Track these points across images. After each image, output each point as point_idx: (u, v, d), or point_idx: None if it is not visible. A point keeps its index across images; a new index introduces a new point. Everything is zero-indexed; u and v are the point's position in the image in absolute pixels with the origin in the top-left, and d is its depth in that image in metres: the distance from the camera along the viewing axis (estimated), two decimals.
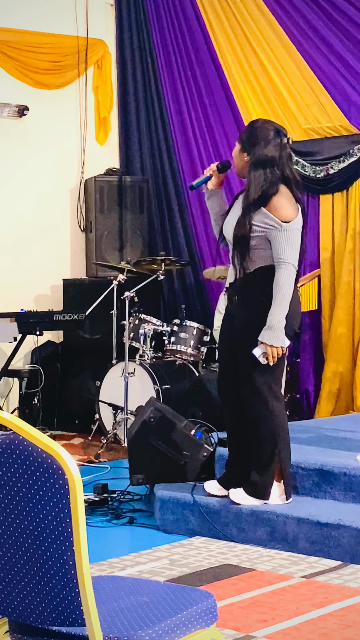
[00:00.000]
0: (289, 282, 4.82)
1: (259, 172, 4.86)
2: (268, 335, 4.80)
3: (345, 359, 8.06)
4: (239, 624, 3.84)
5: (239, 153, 5.00)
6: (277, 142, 4.90)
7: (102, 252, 8.88)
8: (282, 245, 4.80)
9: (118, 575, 3.87)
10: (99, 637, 2.25)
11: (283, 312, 4.81)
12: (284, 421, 5.02)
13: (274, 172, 4.86)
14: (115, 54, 9.42)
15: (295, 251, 4.84)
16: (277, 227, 4.80)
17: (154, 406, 5.76)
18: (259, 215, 4.83)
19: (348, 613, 3.96)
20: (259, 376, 4.92)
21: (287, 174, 4.89)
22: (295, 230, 4.83)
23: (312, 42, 8.27)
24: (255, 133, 4.94)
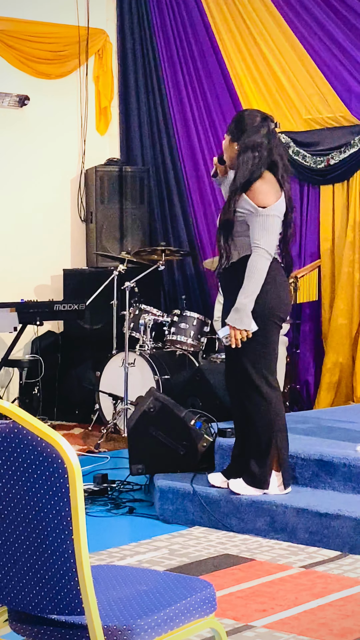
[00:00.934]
0: (260, 266, 4.84)
1: (247, 156, 4.91)
2: (233, 317, 4.84)
3: (345, 350, 8.07)
4: (238, 613, 3.85)
5: (229, 144, 5.05)
6: (265, 128, 4.95)
7: (102, 242, 8.87)
8: (257, 230, 4.84)
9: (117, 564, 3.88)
10: (98, 626, 2.26)
11: (251, 296, 4.83)
12: (280, 409, 5.03)
13: (261, 155, 4.90)
14: (116, 43, 9.41)
15: (271, 237, 4.87)
16: (253, 212, 4.84)
17: (153, 396, 5.77)
18: (241, 201, 4.88)
19: (347, 603, 3.97)
20: (252, 365, 4.94)
21: (275, 159, 4.94)
22: (271, 216, 4.86)
23: (314, 32, 8.25)
24: (243, 121, 5.00)
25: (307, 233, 8.36)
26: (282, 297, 4.97)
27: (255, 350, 4.91)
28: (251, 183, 4.87)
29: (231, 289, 4.96)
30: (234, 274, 4.93)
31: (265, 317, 4.87)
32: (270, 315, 4.88)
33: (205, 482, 5.30)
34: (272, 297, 4.88)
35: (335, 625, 3.71)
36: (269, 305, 4.87)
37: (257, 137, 4.92)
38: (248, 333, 4.84)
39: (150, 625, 2.34)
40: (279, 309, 4.95)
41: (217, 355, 7.65)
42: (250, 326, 4.84)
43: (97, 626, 2.26)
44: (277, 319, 4.95)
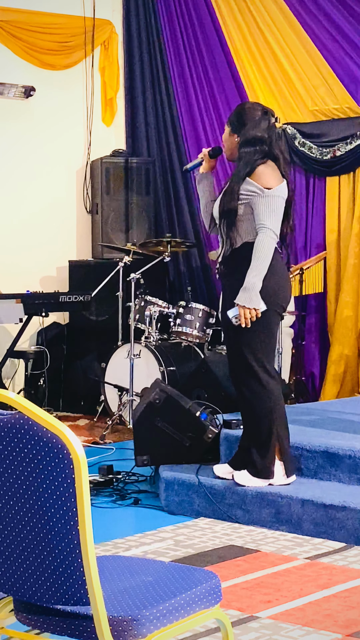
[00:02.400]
0: (268, 246, 4.86)
1: (248, 149, 4.95)
2: (242, 296, 4.84)
3: (350, 342, 8.06)
4: (243, 604, 3.85)
5: (229, 135, 5.09)
6: (266, 122, 5.00)
7: (108, 233, 8.87)
8: (263, 210, 4.86)
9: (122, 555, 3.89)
10: (104, 616, 2.26)
11: (259, 275, 4.84)
12: (279, 398, 5.04)
13: (262, 150, 4.95)
14: (122, 34, 9.39)
15: (277, 218, 4.89)
16: (259, 192, 4.86)
17: (159, 388, 5.77)
18: (244, 184, 4.90)
19: (352, 594, 3.97)
20: (251, 354, 4.94)
21: (276, 153, 4.99)
22: (276, 197, 4.89)
23: (320, 23, 8.23)
24: (244, 114, 5.04)
25: (313, 225, 8.35)
26: (283, 286, 4.99)
27: (255, 338, 4.92)
28: (254, 169, 4.90)
29: (234, 275, 4.96)
30: (237, 260, 4.94)
31: (267, 306, 4.88)
32: (271, 303, 4.90)
33: (210, 474, 5.31)
34: (273, 286, 4.90)
35: (340, 617, 3.71)
36: (270, 293, 4.89)
37: (258, 132, 4.97)
38: (257, 312, 4.85)
39: (155, 616, 2.34)
40: (281, 298, 4.97)
41: (222, 347, 7.65)
42: (260, 305, 4.85)
43: (103, 616, 2.26)
44: (278, 307, 4.97)
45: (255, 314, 4.85)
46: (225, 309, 5.04)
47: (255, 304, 4.84)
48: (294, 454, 5.25)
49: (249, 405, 5.04)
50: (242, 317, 4.85)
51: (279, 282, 4.95)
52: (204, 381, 6.71)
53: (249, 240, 4.92)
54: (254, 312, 4.85)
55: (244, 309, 4.84)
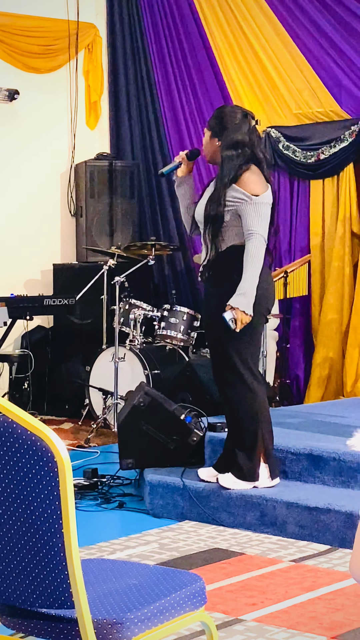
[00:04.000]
0: (260, 252, 4.88)
1: (231, 152, 4.94)
2: (241, 301, 4.84)
3: (335, 345, 8.08)
4: (228, 607, 3.85)
5: (210, 139, 5.07)
6: (246, 125, 4.99)
7: (92, 236, 8.86)
8: (251, 217, 4.86)
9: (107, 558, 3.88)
10: (88, 619, 2.26)
11: (255, 281, 4.86)
12: (264, 400, 5.05)
13: (244, 153, 4.94)
14: (106, 38, 9.39)
15: (265, 224, 4.91)
16: (246, 199, 4.86)
17: (143, 391, 5.77)
18: (230, 191, 4.89)
19: (337, 597, 3.97)
20: (237, 356, 4.95)
21: (259, 155, 4.99)
22: (264, 204, 4.90)
23: (304, 26, 8.25)
24: (224, 118, 5.03)
25: (297, 228, 8.37)
26: (267, 289, 5.01)
27: (241, 341, 4.93)
28: (239, 175, 4.89)
29: (218, 280, 4.97)
30: (222, 263, 4.94)
31: (252, 309, 4.88)
32: (256, 306, 4.90)
33: (195, 477, 5.31)
34: (259, 289, 4.91)
35: (325, 619, 3.71)
36: (256, 297, 4.89)
37: (239, 135, 4.96)
38: (250, 318, 4.86)
39: (140, 619, 2.34)
40: (265, 301, 4.98)
41: (207, 350, 7.65)
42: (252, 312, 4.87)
43: (87, 620, 2.26)
44: (263, 310, 4.99)
45: (248, 319, 4.86)
46: (209, 315, 5.04)
47: (251, 310, 4.86)
48: (278, 457, 5.25)
49: (234, 408, 5.05)
50: (239, 321, 4.85)
51: (264, 285, 4.96)
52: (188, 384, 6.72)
53: (234, 244, 4.93)
54: (248, 317, 4.86)
55: (242, 313, 4.84)
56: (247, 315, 4.85)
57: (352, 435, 5.31)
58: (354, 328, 7.99)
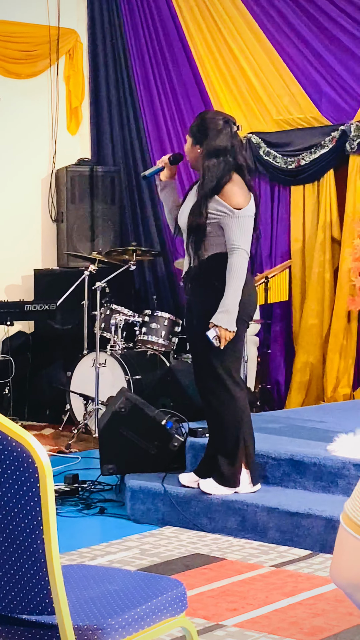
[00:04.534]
0: (243, 267, 4.88)
1: (212, 162, 4.93)
2: (224, 318, 4.84)
3: (315, 350, 8.11)
4: (209, 612, 3.86)
5: (192, 146, 5.07)
6: (228, 131, 4.98)
7: (73, 242, 8.86)
8: (234, 231, 4.86)
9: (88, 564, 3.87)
10: (69, 626, 2.26)
11: (237, 297, 4.87)
12: (245, 407, 5.06)
13: (227, 160, 4.93)
14: (87, 43, 9.40)
15: (248, 237, 4.91)
16: (229, 213, 4.86)
17: (124, 396, 5.77)
18: (212, 203, 4.89)
19: (317, 602, 3.98)
20: (219, 363, 4.96)
21: (241, 161, 4.98)
22: (247, 217, 4.90)
23: (284, 33, 8.28)
24: (206, 124, 5.01)
25: (278, 233, 8.39)
26: (250, 296, 5.02)
27: (223, 349, 4.93)
28: (222, 186, 4.89)
29: (201, 287, 4.98)
30: (204, 273, 4.95)
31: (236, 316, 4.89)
32: (239, 313, 4.91)
33: (176, 482, 5.31)
34: (242, 297, 4.91)
35: (306, 624, 3.72)
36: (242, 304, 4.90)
37: (221, 141, 4.94)
38: (233, 333, 4.87)
39: (121, 625, 2.34)
40: (247, 308, 4.99)
41: (188, 355, 7.65)
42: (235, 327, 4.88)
43: (68, 626, 2.26)
44: (245, 317, 5.00)
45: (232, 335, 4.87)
46: (192, 323, 5.05)
47: (234, 327, 4.87)
48: (259, 462, 5.26)
49: (216, 413, 5.05)
50: (223, 338, 4.86)
51: (248, 292, 4.96)
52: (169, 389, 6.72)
53: (216, 252, 4.93)
54: (231, 334, 4.87)
55: (225, 331, 4.85)
56: (231, 332, 4.86)
57: (333, 440, 5.33)
58: (334, 333, 8.01)
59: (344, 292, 7.94)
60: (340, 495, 5.04)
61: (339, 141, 7.93)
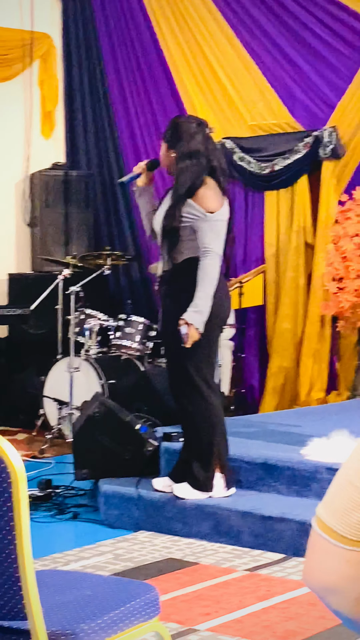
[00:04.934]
0: (215, 269, 4.89)
1: (186, 163, 4.94)
2: (197, 318, 4.84)
3: (289, 354, 8.13)
4: (183, 617, 3.86)
5: (166, 151, 5.08)
6: (201, 134, 4.99)
7: (47, 246, 8.84)
8: (207, 234, 4.87)
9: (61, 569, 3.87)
10: (42, 631, 2.25)
11: (210, 299, 4.87)
12: (219, 411, 5.06)
13: (200, 163, 4.94)
14: (61, 48, 9.38)
15: (220, 241, 4.91)
16: (202, 217, 4.86)
17: (99, 401, 5.76)
18: (186, 207, 4.90)
19: (290, 605, 3.99)
20: (193, 367, 4.96)
21: (214, 164, 4.98)
22: (220, 221, 4.91)
23: (258, 39, 8.31)
24: (179, 128, 5.03)
25: (252, 238, 8.41)
26: (223, 301, 5.02)
27: (197, 352, 4.94)
28: (195, 189, 4.90)
29: (174, 291, 4.98)
30: (178, 277, 4.95)
31: (208, 320, 4.89)
32: (212, 318, 4.91)
33: (150, 487, 5.31)
34: (214, 301, 4.92)
35: (279, 628, 3.73)
36: (212, 308, 4.90)
37: (194, 144, 4.95)
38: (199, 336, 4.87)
39: (94, 630, 2.34)
40: (221, 312, 5.00)
41: (162, 360, 7.65)
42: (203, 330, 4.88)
43: (41, 631, 2.25)
44: (219, 321, 4.99)
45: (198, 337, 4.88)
46: (166, 326, 5.05)
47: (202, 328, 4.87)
48: (233, 466, 5.27)
49: (190, 418, 5.05)
50: (191, 338, 4.85)
51: (219, 297, 4.97)
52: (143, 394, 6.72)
53: (190, 256, 4.93)
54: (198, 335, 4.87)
55: (195, 330, 4.85)
56: (198, 332, 4.86)
57: (306, 444, 5.35)
58: (308, 338, 8.04)
59: (318, 297, 7.97)
60: (313, 499, 5.05)
61: (312, 147, 7.97)
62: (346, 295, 7.40)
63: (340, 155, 7.92)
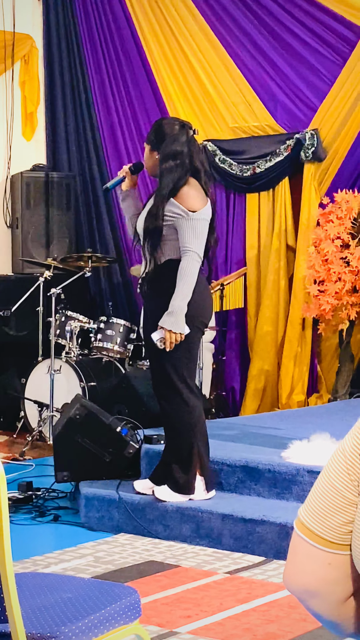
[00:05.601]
0: (193, 269, 4.87)
1: (168, 166, 4.93)
2: (168, 320, 4.83)
3: (270, 357, 8.14)
4: (163, 620, 3.85)
5: (150, 153, 5.08)
6: (184, 136, 4.99)
7: (28, 248, 8.82)
8: (187, 234, 4.86)
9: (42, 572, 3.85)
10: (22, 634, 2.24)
11: (185, 299, 4.85)
12: (200, 414, 5.05)
13: (183, 165, 4.94)
14: (42, 49, 9.37)
15: (201, 241, 4.90)
16: (183, 215, 4.86)
17: (79, 403, 5.75)
18: (168, 205, 4.89)
19: (271, 608, 3.99)
20: (174, 370, 4.95)
21: (197, 165, 4.98)
22: (201, 220, 4.90)
23: (240, 41, 8.32)
24: (162, 130, 5.04)
25: (233, 241, 8.42)
26: (204, 303, 5.01)
27: (177, 355, 4.93)
28: (178, 189, 4.90)
29: (156, 294, 4.97)
30: (160, 278, 4.94)
31: (189, 323, 4.89)
32: (193, 320, 4.91)
33: (130, 489, 5.30)
34: (195, 303, 4.91)
35: (259, 631, 3.73)
36: (193, 310, 4.90)
37: (177, 146, 4.95)
38: (182, 336, 4.86)
39: (74, 632, 2.33)
40: (202, 315, 4.99)
41: (143, 362, 7.65)
42: (184, 329, 4.86)
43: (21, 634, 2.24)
44: (200, 324, 4.98)
45: (180, 337, 4.86)
46: (147, 328, 5.04)
47: (181, 329, 4.85)
48: (214, 469, 5.27)
49: (171, 421, 5.05)
50: (167, 340, 4.85)
51: (202, 299, 4.97)
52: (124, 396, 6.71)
53: (172, 258, 4.93)
54: (179, 336, 4.85)
55: (169, 332, 4.84)
56: (176, 333, 4.85)
57: (287, 446, 5.35)
58: (289, 340, 8.05)
59: (299, 300, 7.99)
60: (294, 502, 5.06)
61: (294, 149, 7.98)
62: (327, 298, 7.42)
63: (321, 158, 7.94)
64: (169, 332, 4.83)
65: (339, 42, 7.93)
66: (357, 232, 7.51)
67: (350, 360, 7.74)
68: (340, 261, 7.41)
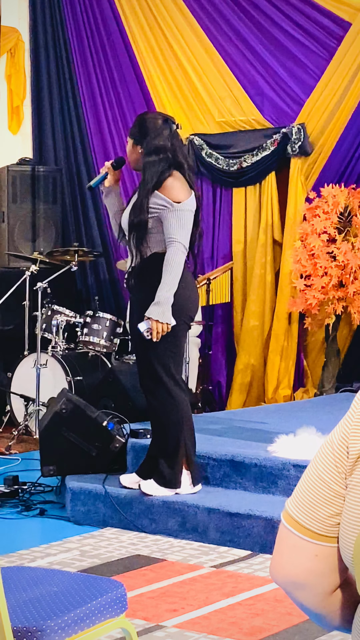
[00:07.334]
0: (179, 260, 4.87)
1: (152, 158, 4.93)
2: (155, 310, 4.83)
3: (256, 351, 8.15)
4: (149, 613, 3.85)
5: (133, 147, 5.07)
6: (167, 130, 4.99)
7: (14, 242, 8.80)
8: (172, 224, 4.86)
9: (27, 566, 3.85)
10: (8, 628, 2.24)
11: (171, 290, 4.85)
12: (187, 408, 5.05)
13: (167, 158, 4.93)
14: (29, 42, 9.34)
15: (186, 231, 4.90)
16: (168, 206, 4.86)
17: (66, 397, 5.74)
18: (153, 197, 4.89)
19: (257, 602, 4.00)
20: (160, 364, 4.95)
21: (180, 159, 4.98)
22: (186, 211, 4.89)
23: (227, 36, 8.32)
24: (145, 124, 5.03)
25: (220, 235, 8.42)
26: (191, 297, 5.01)
27: (164, 349, 4.93)
28: (162, 181, 4.89)
29: (143, 288, 4.97)
30: (146, 272, 4.94)
31: (175, 317, 4.88)
32: (179, 314, 4.90)
33: (117, 483, 5.30)
34: (182, 297, 4.91)
35: (245, 624, 3.73)
36: (179, 304, 4.89)
37: (160, 140, 4.95)
38: (169, 327, 4.85)
39: (60, 626, 2.33)
40: (188, 309, 4.98)
41: (129, 357, 7.65)
42: (171, 320, 4.85)
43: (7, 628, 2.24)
44: (186, 318, 4.98)
45: (166, 328, 4.86)
46: (134, 321, 5.04)
47: (167, 319, 4.84)
48: (200, 463, 5.27)
49: (157, 415, 5.05)
50: (155, 331, 4.84)
51: (188, 293, 4.97)
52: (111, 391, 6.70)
53: (158, 251, 4.93)
54: (166, 326, 4.85)
55: (157, 322, 4.83)
56: (163, 323, 4.84)
57: (273, 441, 5.36)
58: (275, 335, 8.06)
59: (285, 294, 8.00)
60: (280, 496, 5.07)
61: (280, 144, 7.99)
62: (313, 293, 7.43)
63: (308, 153, 7.95)
64: (156, 322, 4.83)
65: (326, 36, 7.94)
66: (344, 227, 7.53)
67: (336, 354, 7.76)
68: (327, 256, 7.42)
